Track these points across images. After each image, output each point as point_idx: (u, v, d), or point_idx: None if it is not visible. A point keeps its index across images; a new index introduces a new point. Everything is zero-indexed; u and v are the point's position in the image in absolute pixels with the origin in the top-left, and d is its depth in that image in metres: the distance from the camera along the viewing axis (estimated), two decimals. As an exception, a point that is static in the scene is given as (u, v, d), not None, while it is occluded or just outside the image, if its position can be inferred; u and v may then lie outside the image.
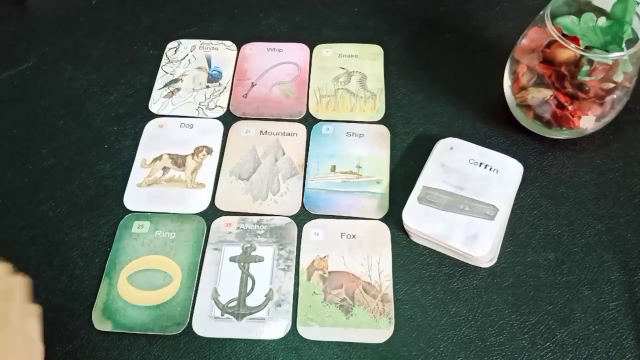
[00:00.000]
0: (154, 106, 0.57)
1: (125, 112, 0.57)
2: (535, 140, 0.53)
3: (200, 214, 0.50)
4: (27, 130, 0.56)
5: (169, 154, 0.54)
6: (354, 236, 0.48)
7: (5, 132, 0.56)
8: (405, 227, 0.47)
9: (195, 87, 0.59)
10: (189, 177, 0.52)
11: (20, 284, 0.38)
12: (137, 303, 0.46)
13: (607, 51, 0.46)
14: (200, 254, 0.48)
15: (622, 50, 0.45)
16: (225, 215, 0.50)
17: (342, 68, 0.59)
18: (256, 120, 0.56)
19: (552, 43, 0.47)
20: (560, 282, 0.46)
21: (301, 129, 0.55)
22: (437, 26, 0.62)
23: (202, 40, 0.62)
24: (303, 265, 0.47)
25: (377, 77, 0.58)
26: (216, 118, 0.56)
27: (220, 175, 0.53)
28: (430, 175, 0.48)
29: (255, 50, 0.61)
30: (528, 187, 0.50)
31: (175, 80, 0.59)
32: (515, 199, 0.48)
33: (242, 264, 0.47)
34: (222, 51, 0.61)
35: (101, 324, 0.45)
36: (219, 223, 0.50)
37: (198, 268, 0.47)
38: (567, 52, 0.45)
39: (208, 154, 0.54)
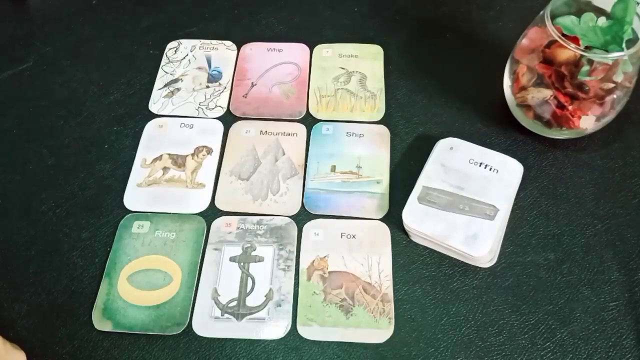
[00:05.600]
0: (154, 106, 0.57)
1: (125, 112, 0.57)
2: (535, 140, 0.53)
3: (200, 214, 0.50)
4: (27, 130, 0.56)
5: (169, 154, 0.54)
6: (354, 236, 0.48)
7: (5, 132, 0.56)
8: (405, 227, 0.47)
9: (195, 87, 0.59)
10: (189, 177, 0.52)
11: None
12: (137, 303, 0.46)
13: (607, 51, 0.46)
14: (200, 254, 0.48)
15: (622, 50, 0.45)
16: (225, 215, 0.50)
17: (342, 68, 0.59)
18: (256, 120, 0.56)
19: (552, 43, 0.47)
20: (560, 282, 0.46)
21: (301, 129, 0.55)
22: (437, 26, 0.62)
23: (202, 40, 0.62)
24: (303, 265, 0.47)
25: (377, 77, 0.58)
26: (216, 118, 0.56)
27: (220, 175, 0.53)
28: (430, 175, 0.48)
29: (255, 50, 0.61)
30: (528, 187, 0.50)
31: (175, 80, 0.59)
32: (515, 199, 0.48)
33: (242, 264, 0.47)
34: (222, 51, 0.61)
35: (101, 324, 0.45)
36: (219, 223, 0.50)
37: (198, 268, 0.47)
38: (567, 52, 0.45)
39: (208, 154, 0.54)
